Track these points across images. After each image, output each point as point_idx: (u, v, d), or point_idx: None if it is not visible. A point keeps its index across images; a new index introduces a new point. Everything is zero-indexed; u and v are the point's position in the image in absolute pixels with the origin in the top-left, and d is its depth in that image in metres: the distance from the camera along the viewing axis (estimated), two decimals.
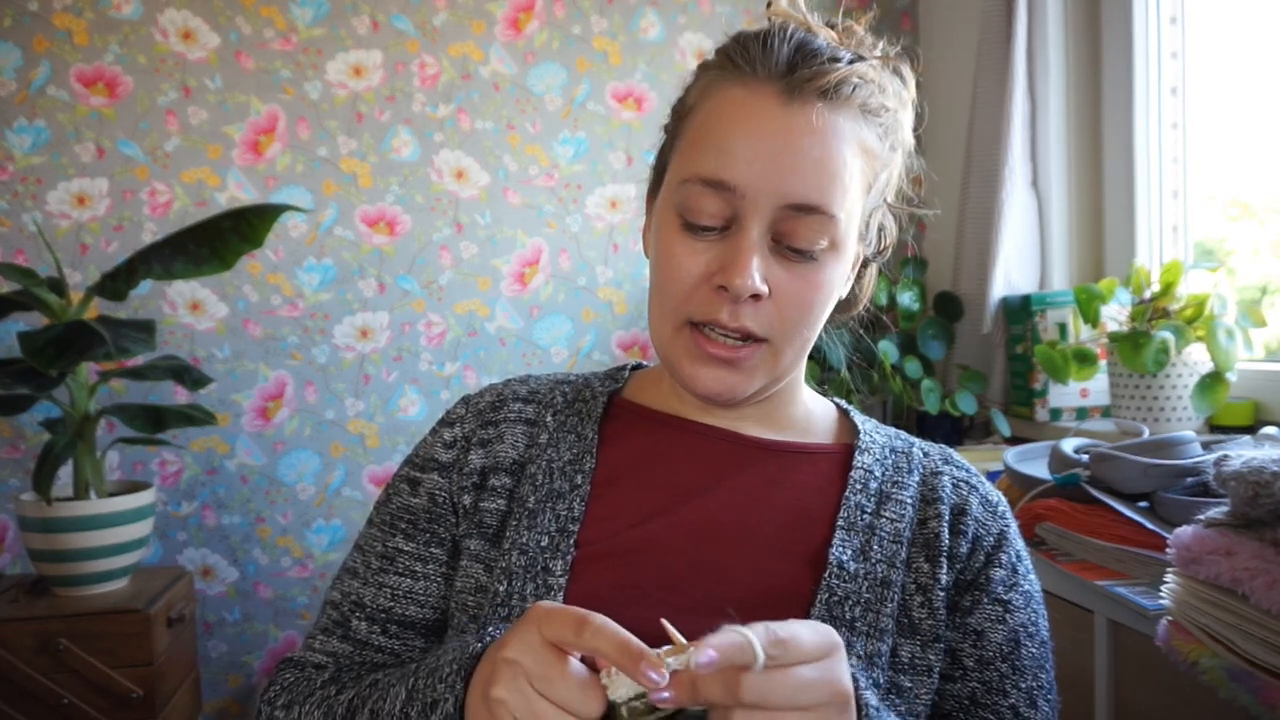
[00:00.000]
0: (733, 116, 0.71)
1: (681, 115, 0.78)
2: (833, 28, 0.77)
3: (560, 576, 0.73)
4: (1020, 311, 2.01)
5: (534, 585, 0.73)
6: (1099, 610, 1.21)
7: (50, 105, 2.17)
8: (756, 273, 0.70)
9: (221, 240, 1.91)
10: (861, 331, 0.94)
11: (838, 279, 0.75)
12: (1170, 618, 1.00)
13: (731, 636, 0.53)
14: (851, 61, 0.72)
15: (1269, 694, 0.89)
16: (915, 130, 0.80)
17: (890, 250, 0.86)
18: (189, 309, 2.26)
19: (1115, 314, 1.77)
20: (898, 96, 0.77)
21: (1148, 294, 1.70)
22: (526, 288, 2.41)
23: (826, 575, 0.73)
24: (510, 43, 2.37)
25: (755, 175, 0.70)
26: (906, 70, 0.78)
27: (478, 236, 2.38)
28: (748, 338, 0.73)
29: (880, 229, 0.83)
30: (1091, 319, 1.80)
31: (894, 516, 0.77)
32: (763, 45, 0.72)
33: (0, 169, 2.16)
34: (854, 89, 0.72)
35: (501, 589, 0.74)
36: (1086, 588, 1.22)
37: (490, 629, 0.65)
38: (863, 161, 0.73)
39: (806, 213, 0.70)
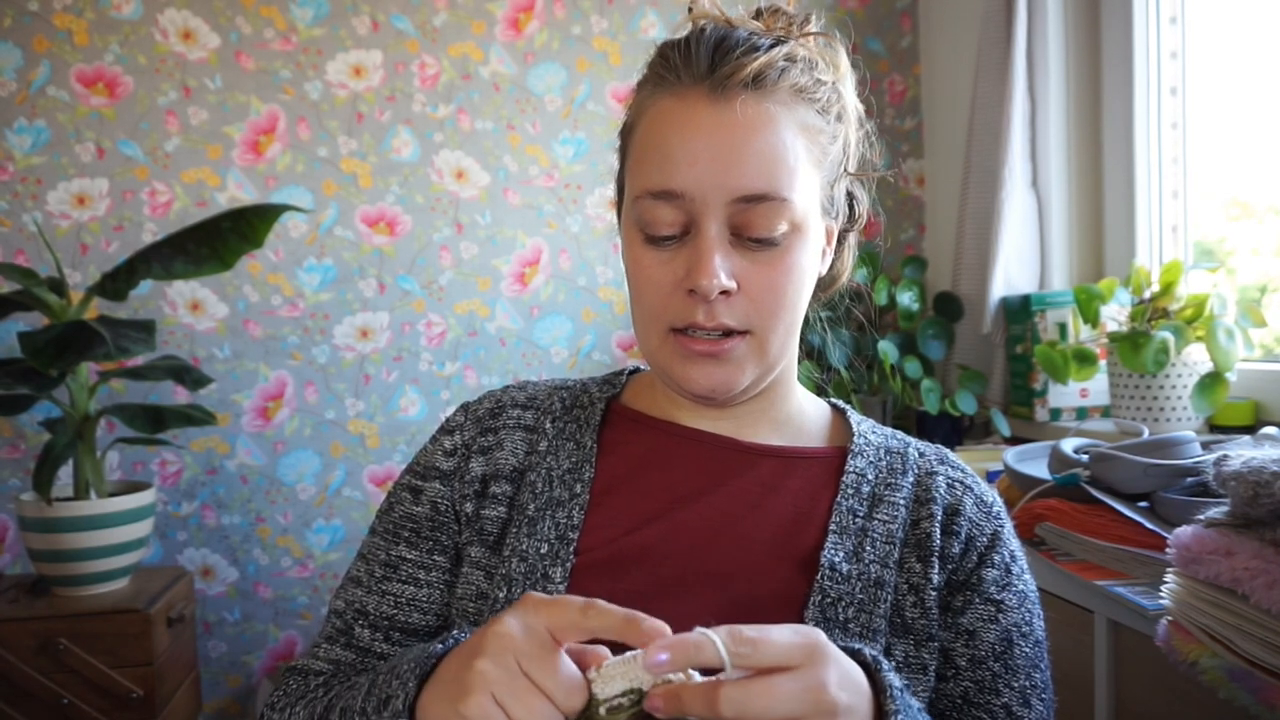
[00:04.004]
0: (667, 126, 0.73)
1: (626, 136, 0.80)
2: (759, 16, 0.78)
3: (560, 584, 0.74)
4: (1020, 311, 2.01)
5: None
6: (1099, 610, 1.21)
7: (50, 105, 2.17)
8: (721, 271, 0.71)
9: (221, 240, 1.91)
10: (862, 330, 0.94)
11: (806, 260, 0.75)
12: (1170, 618, 1.00)
13: (687, 635, 0.53)
14: (772, 46, 0.73)
15: (1269, 694, 0.89)
16: (860, 95, 0.82)
17: (865, 220, 0.85)
18: (189, 309, 2.26)
19: (1115, 314, 1.77)
20: (832, 68, 0.77)
21: (1148, 294, 1.70)
22: (526, 288, 2.41)
23: (819, 578, 0.74)
24: (510, 43, 2.37)
25: (699, 177, 0.71)
26: (836, 42, 0.79)
27: (478, 236, 2.38)
28: (729, 333, 0.73)
29: (850, 199, 0.83)
30: (1091, 319, 1.80)
31: (887, 518, 0.77)
32: (684, 52, 0.74)
33: (0, 169, 2.16)
34: (781, 73, 0.73)
35: (501, 596, 0.74)
36: (1086, 588, 1.22)
37: (455, 632, 0.65)
38: (805, 140, 0.74)
39: (758, 201, 0.71)
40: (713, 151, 0.71)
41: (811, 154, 0.74)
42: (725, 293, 0.72)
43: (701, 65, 0.72)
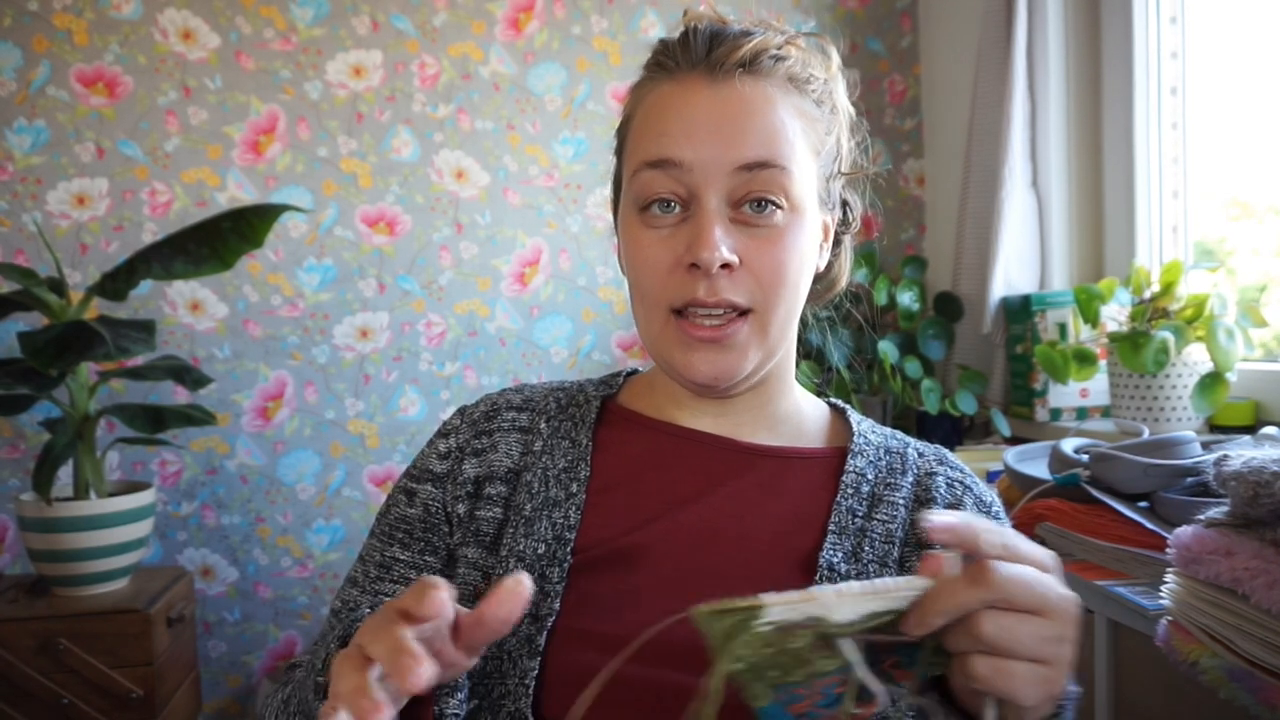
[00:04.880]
0: (665, 107, 0.75)
1: (623, 130, 0.81)
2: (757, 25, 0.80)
3: (557, 584, 0.74)
4: (1020, 311, 2.01)
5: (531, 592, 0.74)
6: (1099, 610, 1.21)
7: (50, 105, 2.17)
8: (722, 244, 0.71)
9: (221, 240, 1.91)
10: (862, 331, 0.95)
11: (805, 243, 0.76)
12: (1170, 618, 1.00)
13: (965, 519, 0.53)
14: (765, 34, 0.75)
15: (1269, 694, 0.89)
16: (860, 95, 0.84)
17: (859, 225, 0.86)
18: (189, 309, 2.26)
19: (1115, 314, 1.77)
20: (824, 66, 0.79)
21: (1148, 294, 1.70)
22: (526, 288, 2.41)
23: (817, 578, 0.74)
24: (510, 43, 2.37)
25: (697, 148, 0.72)
26: (827, 45, 0.81)
27: (478, 236, 2.38)
28: (731, 310, 0.73)
29: (845, 203, 0.84)
30: (1091, 319, 1.80)
31: (886, 518, 0.77)
32: (682, 43, 0.76)
33: (0, 169, 2.16)
34: (776, 60, 0.75)
35: None
36: (1086, 588, 1.22)
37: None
38: (802, 123, 0.75)
39: (758, 169, 0.72)
40: (711, 125, 0.72)
41: (809, 139, 0.76)
42: (727, 266, 0.72)
43: (699, 51, 0.74)
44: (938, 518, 0.52)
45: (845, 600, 0.51)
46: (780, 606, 0.50)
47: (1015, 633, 0.51)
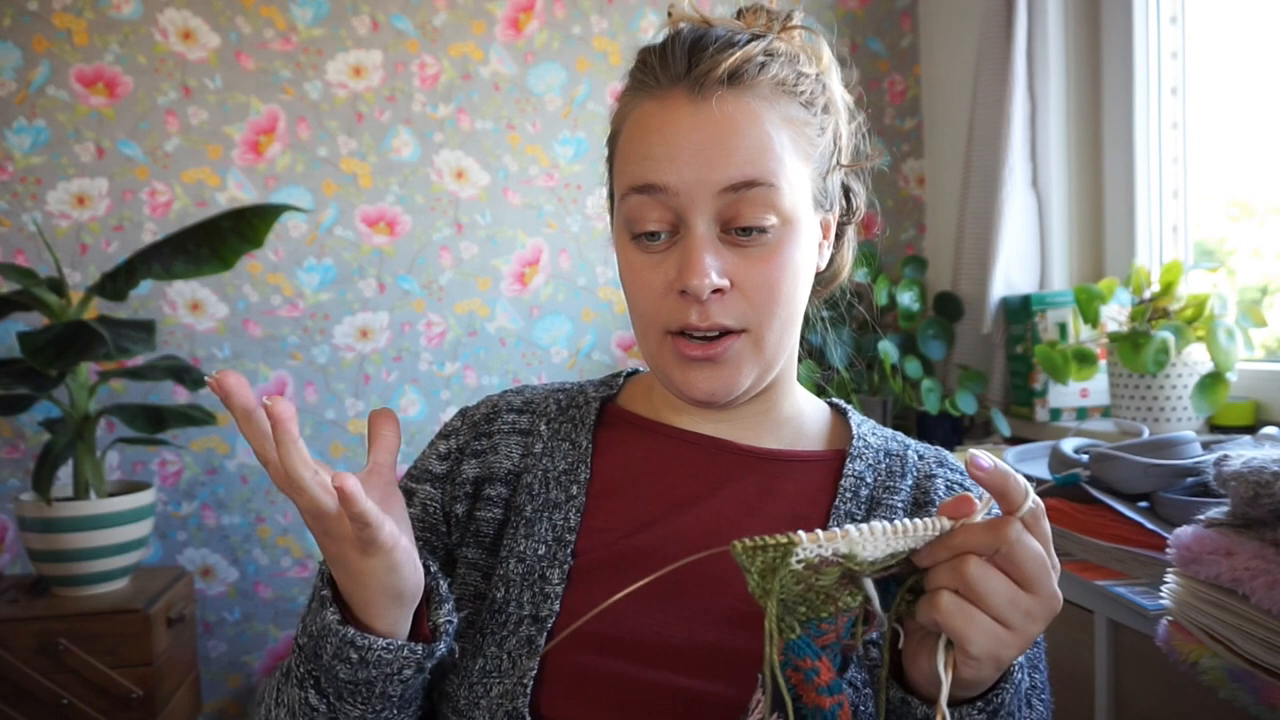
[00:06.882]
0: (648, 128, 0.73)
1: (612, 145, 0.80)
2: (740, 16, 0.78)
3: (557, 585, 0.74)
4: (1020, 311, 2.01)
5: (531, 593, 0.74)
6: (1099, 610, 1.21)
7: (50, 105, 2.17)
8: (711, 270, 0.70)
9: (221, 240, 1.91)
10: (863, 330, 0.94)
11: (801, 255, 0.75)
12: (1170, 618, 1.00)
13: (1011, 471, 0.57)
14: (749, 42, 0.73)
15: (1269, 694, 0.89)
16: (858, 93, 0.82)
17: (863, 212, 0.85)
18: (189, 309, 2.26)
19: (1115, 314, 1.77)
20: (815, 61, 0.77)
21: (1148, 294, 1.70)
22: (526, 288, 2.41)
23: None
24: (510, 43, 2.37)
25: (681, 171, 0.70)
26: (819, 36, 0.79)
27: (478, 236, 2.38)
28: (724, 333, 0.73)
29: (847, 191, 0.83)
30: (1091, 319, 1.80)
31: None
32: (661, 55, 0.74)
33: (0, 169, 2.16)
34: (760, 67, 0.73)
35: (499, 596, 0.75)
36: (1086, 588, 1.22)
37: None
38: (791, 132, 0.73)
39: (745, 188, 0.71)
40: (695, 148, 0.70)
41: (798, 146, 0.74)
42: (719, 291, 0.71)
43: (679, 66, 0.72)
44: (985, 461, 0.56)
45: (873, 539, 0.54)
46: (812, 543, 0.53)
47: (993, 585, 0.55)
